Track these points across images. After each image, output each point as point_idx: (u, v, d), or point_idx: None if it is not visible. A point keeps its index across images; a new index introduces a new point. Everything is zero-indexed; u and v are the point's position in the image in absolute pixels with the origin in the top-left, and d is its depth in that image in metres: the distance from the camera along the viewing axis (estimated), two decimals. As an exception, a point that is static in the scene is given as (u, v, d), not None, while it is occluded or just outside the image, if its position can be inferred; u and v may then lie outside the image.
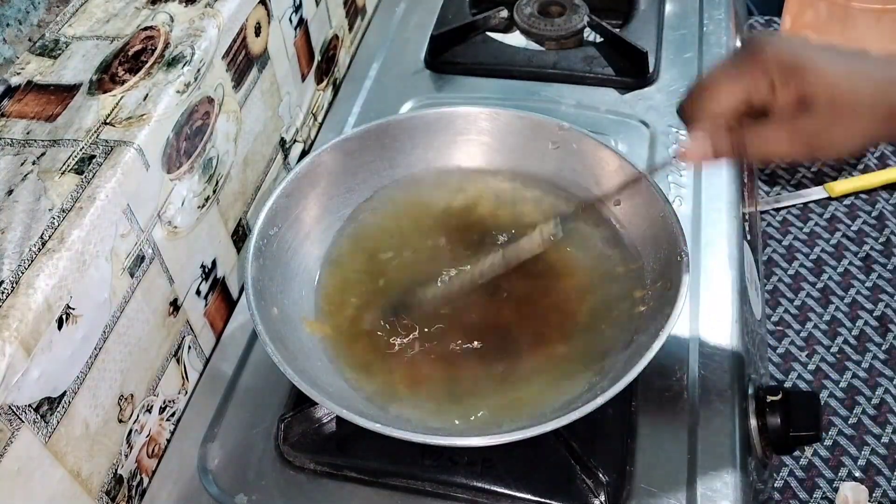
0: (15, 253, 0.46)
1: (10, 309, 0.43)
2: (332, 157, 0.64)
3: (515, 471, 0.54)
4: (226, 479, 0.57)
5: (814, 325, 0.83)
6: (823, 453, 0.74)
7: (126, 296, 0.53)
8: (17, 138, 0.53)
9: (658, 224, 0.58)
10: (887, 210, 0.92)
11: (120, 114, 0.54)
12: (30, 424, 0.45)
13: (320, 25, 0.82)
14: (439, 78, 0.86)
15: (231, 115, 0.64)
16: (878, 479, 0.72)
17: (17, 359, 0.43)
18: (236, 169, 0.67)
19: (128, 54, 0.58)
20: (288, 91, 0.76)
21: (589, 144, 0.63)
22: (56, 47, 0.60)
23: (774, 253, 0.90)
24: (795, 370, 0.80)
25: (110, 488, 0.53)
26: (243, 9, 0.65)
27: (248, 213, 0.70)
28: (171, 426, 0.61)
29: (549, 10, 0.89)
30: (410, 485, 0.55)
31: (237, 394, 0.62)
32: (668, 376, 0.60)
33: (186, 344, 0.61)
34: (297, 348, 0.56)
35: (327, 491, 0.56)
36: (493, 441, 0.48)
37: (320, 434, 0.57)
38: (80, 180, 0.50)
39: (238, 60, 0.65)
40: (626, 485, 0.54)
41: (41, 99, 0.56)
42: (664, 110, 0.80)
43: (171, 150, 0.56)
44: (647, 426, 0.57)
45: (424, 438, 0.49)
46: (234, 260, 0.68)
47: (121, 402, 0.53)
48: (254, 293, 0.55)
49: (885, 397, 0.77)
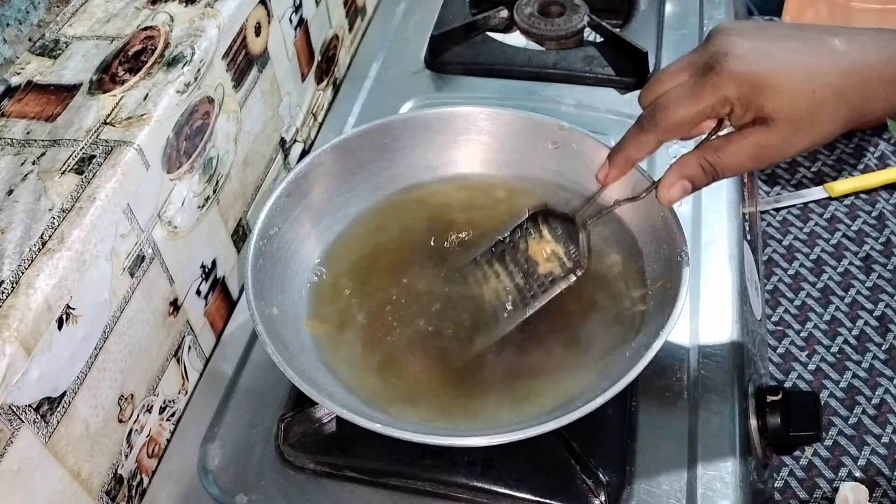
0: (15, 253, 0.46)
1: (11, 309, 0.43)
2: (332, 157, 0.64)
3: (515, 471, 0.54)
4: (226, 479, 0.57)
5: (814, 325, 0.83)
6: (823, 453, 0.74)
7: (126, 296, 0.53)
8: (17, 138, 0.53)
9: (658, 224, 0.58)
10: (887, 210, 0.92)
11: (120, 114, 0.54)
12: (30, 424, 0.45)
13: (320, 25, 0.82)
14: (439, 78, 0.86)
15: (231, 115, 0.64)
16: (878, 479, 0.72)
17: (18, 359, 0.43)
18: (236, 169, 0.67)
19: (128, 54, 0.58)
20: (288, 91, 0.76)
21: (589, 144, 0.63)
22: (56, 47, 0.60)
23: (774, 253, 0.90)
24: (795, 370, 0.80)
25: (110, 488, 0.53)
26: (243, 9, 0.65)
27: (248, 213, 0.70)
28: (172, 426, 0.61)
29: (549, 9, 0.89)
30: (410, 485, 0.55)
31: (237, 394, 0.62)
32: (668, 376, 0.60)
33: (186, 344, 0.61)
34: (297, 348, 0.56)
35: (327, 491, 0.56)
36: (493, 441, 0.48)
37: (320, 434, 0.57)
38: (81, 180, 0.50)
39: (238, 60, 0.65)
40: (626, 485, 0.54)
41: (41, 99, 0.56)
42: (664, 110, 0.80)
43: (172, 150, 0.56)
44: (647, 426, 0.57)
45: (424, 438, 0.49)
46: (234, 260, 0.68)
47: (121, 402, 0.53)
48: (254, 293, 0.55)
49: (885, 397, 0.77)
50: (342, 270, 0.63)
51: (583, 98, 0.81)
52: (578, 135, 0.64)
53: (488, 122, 0.66)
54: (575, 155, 0.64)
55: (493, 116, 0.66)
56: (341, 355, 0.58)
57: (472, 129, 0.67)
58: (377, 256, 0.64)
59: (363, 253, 0.64)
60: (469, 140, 0.67)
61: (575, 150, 0.64)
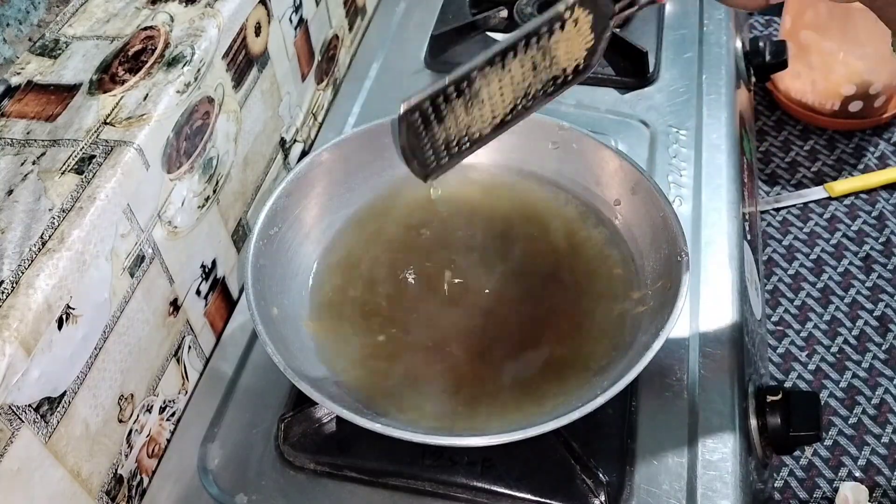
0: (15, 253, 0.46)
1: (10, 309, 0.43)
2: (333, 157, 0.64)
3: (515, 470, 0.54)
4: (226, 479, 0.57)
5: (814, 325, 0.83)
6: (823, 453, 0.74)
7: (126, 296, 0.53)
8: (17, 138, 0.53)
9: (658, 224, 0.58)
10: (887, 210, 0.92)
11: (120, 114, 0.54)
12: (30, 424, 0.45)
13: (320, 25, 0.82)
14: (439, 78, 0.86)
15: (231, 114, 0.64)
16: (878, 478, 0.72)
17: (17, 359, 0.43)
18: (236, 169, 0.67)
19: (128, 54, 0.58)
20: (288, 91, 0.76)
21: (589, 144, 0.63)
22: (56, 47, 0.60)
23: (775, 253, 0.90)
24: (795, 370, 0.80)
25: (110, 488, 0.53)
26: (243, 9, 0.65)
27: (248, 213, 0.70)
28: (172, 426, 0.61)
29: (549, 9, 0.89)
30: (410, 485, 0.55)
31: (237, 394, 0.62)
32: (668, 376, 0.60)
33: (186, 344, 0.61)
34: (297, 348, 0.56)
35: (327, 491, 0.56)
36: (493, 441, 0.48)
37: (320, 434, 0.57)
38: (80, 180, 0.50)
39: (238, 60, 0.65)
40: (626, 485, 0.54)
41: (41, 99, 0.56)
42: (664, 110, 0.80)
43: (172, 150, 0.56)
44: (647, 426, 0.57)
45: (424, 438, 0.49)
46: (234, 260, 0.68)
47: (121, 401, 0.53)
48: (254, 293, 0.55)
49: (885, 397, 0.77)
50: (342, 270, 0.63)
51: (583, 98, 0.81)
52: (578, 134, 0.64)
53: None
54: (575, 155, 0.64)
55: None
56: (341, 355, 0.58)
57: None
58: (377, 256, 0.64)
59: (363, 253, 0.64)
60: (469, 140, 0.67)
61: (575, 149, 0.64)
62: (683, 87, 0.82)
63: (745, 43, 0.93)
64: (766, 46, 0.91)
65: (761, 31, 1.16)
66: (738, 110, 0.82)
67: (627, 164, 0.61)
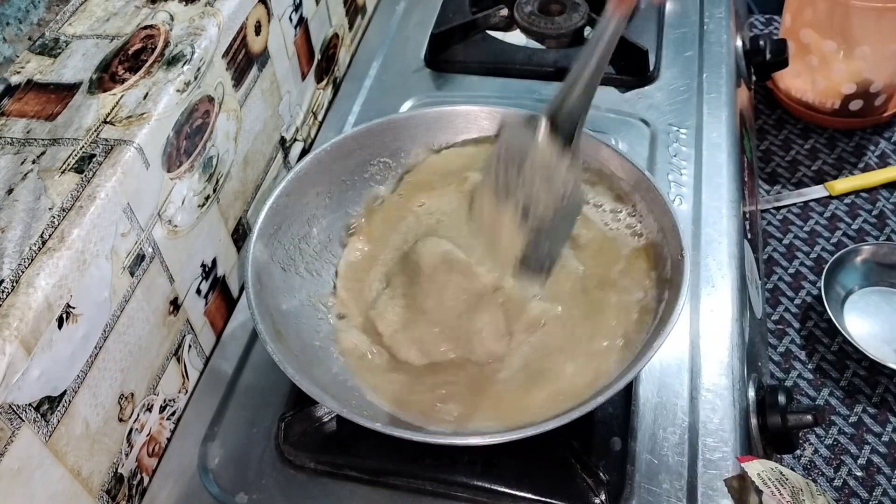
0: (15, 252, 0.46)
1: (11, 308, 0.43)
2: (333, 156, 0.64)
3: (516, 470, 0.54)
4: (226, 478, 0.57)
5: (814, 324, 0.83)
6: (824, 452, 0.74)
7: (126, 295, 0.53)
8: (17, 137, 0.53)
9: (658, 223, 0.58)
10: (888, 209, 0.92)
11: (120, 113, 0.54)
12: (30, 423, 0.45)
13: (320, 24, 0.82)
14: (439, 76, 0.86)
15: (231, 113, 0.64)
16: (878, 477, 0.72)
17: (18, 358, 0.43)
18: (236, 168, 0.66)
19: (128, 53, 0.58)
20: (288, 90, 0.76)
21: (589, 143, 0.63)
22: (56, 46, 0.59)
23: (775, 251, 0.90)
24: (796, 369, 0.80)
25: (110, 487, 0.53)
26: (243, 7, 0.65)
27: (248, 213, 0.70)
28: (172, 425, 0.61)
29: (549, 8, 0.89)
30: (411, 484, 0.55)
31: (237, 393, 0.62)
32: (669, 376, 0.60)
33: (187, 343, 0.61)
34: (298, 347, 0.56)
35: (328, 490, 0.56)
36: (494, 441, 0.48)
37: (321, 433, 0.57)
38: (81, 179, 0.50)
39: (238, 59, 0.65)
40: (627, 484, 0.54)
41: (41, 98, 0.56)
42: (665, 109, 0.80)
43: (172, 149, 0.56)
44: (647, 425, 0.57)
45: (424, 438, 0.49)
46: (234, 259, 0.68)
47: (121, 401, 0.53)
48: (254, 292, 0.55)
49: (886, 396, 0.77)
50: (342, 269, 0.63)
51: (583, 97, 0.81)
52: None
53: (488, 120, 0.66)
54: (575, 154, 0.64)
55: (493, 115, 0.66)
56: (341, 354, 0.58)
57: (472, 127, 0.67)
58: (377, 255, 0.64)
59: (363, 252, 0.64)
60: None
61: (575, 149, 0.64)
62: (684, 86, 0.82)
63: (746, 42, 0.93)
64: (766, 45, 0.91)
65: (762, 30, 1.16)
66: (739, 109, 0.82)
67: (628, 162, 0.61)
